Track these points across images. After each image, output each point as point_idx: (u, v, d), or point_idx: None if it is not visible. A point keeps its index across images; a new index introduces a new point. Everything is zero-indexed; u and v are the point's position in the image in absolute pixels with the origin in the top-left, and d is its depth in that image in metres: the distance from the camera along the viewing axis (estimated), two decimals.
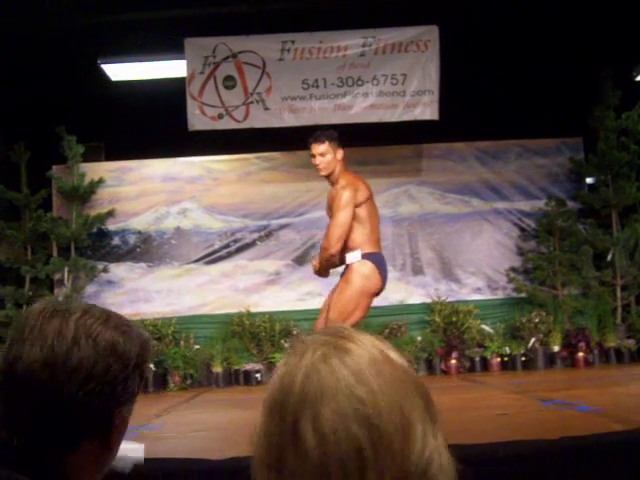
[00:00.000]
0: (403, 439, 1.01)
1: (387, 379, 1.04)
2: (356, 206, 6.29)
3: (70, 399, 1.31)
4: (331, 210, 6.42)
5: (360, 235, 6.32)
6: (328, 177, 6.47)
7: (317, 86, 9.49)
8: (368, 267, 6.26)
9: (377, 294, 6.42)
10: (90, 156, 10.71)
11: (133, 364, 1.40)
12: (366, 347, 1.07)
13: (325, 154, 6.37)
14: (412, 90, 9.46)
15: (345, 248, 6.35)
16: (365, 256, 6.28)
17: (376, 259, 6.33)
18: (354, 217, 6.27)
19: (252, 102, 9.54)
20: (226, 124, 9.57)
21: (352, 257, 6.32)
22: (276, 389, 1.08)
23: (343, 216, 6.25)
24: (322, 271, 6.56)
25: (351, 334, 1.10)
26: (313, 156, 6.44)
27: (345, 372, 1.03)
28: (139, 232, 10.86)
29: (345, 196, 6.27)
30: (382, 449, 1.00)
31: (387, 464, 1.00)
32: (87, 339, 1.35)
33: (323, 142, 6.39)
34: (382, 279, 6.33)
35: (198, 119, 9.48)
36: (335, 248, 6.27)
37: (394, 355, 1.09)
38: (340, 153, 6.42)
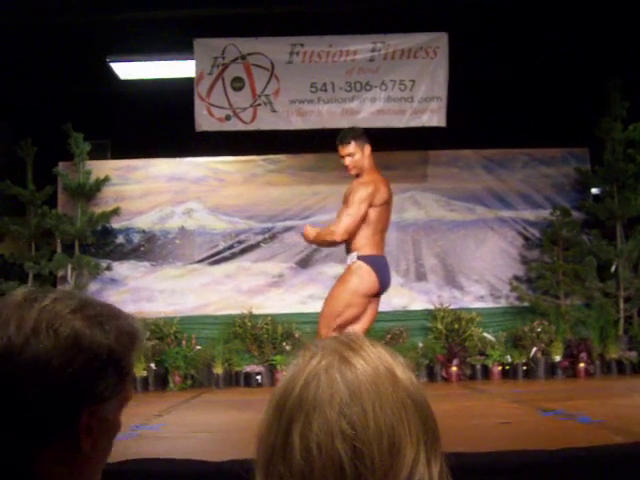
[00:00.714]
0: (389, 465, 1.00)
1: (384, 400, 1.03)
2: (370, 206, 6.33)
3: (27, 396, 1.20)
4: (346, 200, 6.43)
5: (362, 237, 6.39)
6: (357, 175, 6.49)
7: (325, 90, 9.49)
8: (363, 269, 6.34)
9: (375, 295, 6.49)
10: (96, 154, 10.73)
11: (104, 359, 1.27)
12: (372, 362, 1.06)
13: (354, 154, 6.41)
14: (420, 96, 9.45)
15: (347, 247, 6.42)
16: (361, 258, 6.35)
17: (373, 261, 6.37)
18: (364, 218, 6.32)
19: (260, 104, 9.54)
20: (233, 125, 9.57)
21: (349, 259, 6.43)
22: (281, 389, 1.07)
23: (357, 209, 6.32)
24: (315, 244, 6.61)
25: (361, 346, 1.08)
26: (342, 157, 6.46)
27: (342, 387, 1.02)
28: (143, 231, 10.86)
29: (364, 191, 6.34)
30: (364, 472, 0.99)
31: None
32: (48, 329, 1.23)
33: (349, 143, 6.43)
34: (380, 280, 6.40)
35: (205, 120, 9.48)
36: (342, 237, 6.37)
37: (401, 373, 1.08)
38: (367, 149, 6.48)
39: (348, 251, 6.46)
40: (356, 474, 0.99)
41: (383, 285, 6.46)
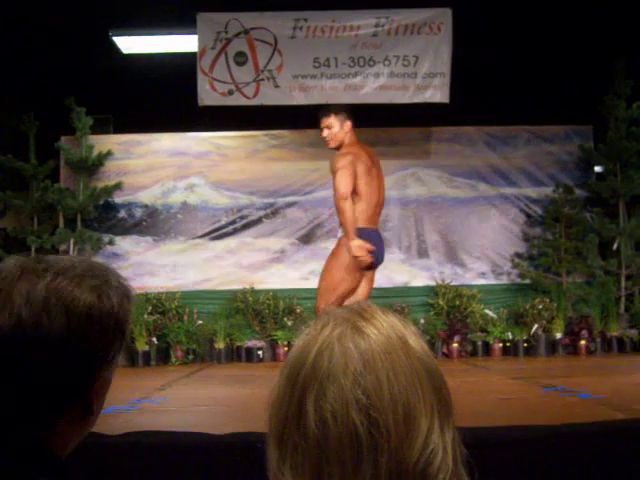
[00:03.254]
0: (404, 433, 1.00)
1: (398, 369, 1.03)
2: (355, 174, 6.32)
3: (45, 368, 1.21)
4: (333, 173, 6.42)
5: (355, 210, 6.34)
6: (337, 149, 6.51)
7: (328, 65, 9.45)
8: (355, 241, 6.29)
9: (369, 268, 6.47)
10: (99, 128, 10.72)
11: (113, 328, 1.30)
12: (385, 331, 1.06)
13: (331, 126, 6.46)
14: (423, 72, 9.40)
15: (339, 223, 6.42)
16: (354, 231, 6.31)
17: (365, 234, 6.34)
18: (355, 191, 6.31)
19: (263, 79, 9.50)
20: (236, 100, 9.53)
21: (341, 232, 6.42)
22: (294, 358, 1.07)
23: (343, 173, 6.28)
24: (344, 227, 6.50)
25: (373, 315, 1.08)
26: (322, 130, 6.51)
27: (355, 356, 1.02)
28: (146, 206, 10.87)
29: (345, 159, 6.35)
30: (380, 441, 0.99)
31: (384, 456, 0.99)
32: (59, 307, 1.23)
33: (329, 115, 6.53)
34: (372, 253, 6.35)
35: (208, 94, 9.44)
36: (347, 196, 6.24)
37: (413, 341, 1.07)
38: (348, 125, 6.52)
39: (341, 224, 6.44)
40: (372, 443, 0.99)
41: (376, 258, 6.44)
